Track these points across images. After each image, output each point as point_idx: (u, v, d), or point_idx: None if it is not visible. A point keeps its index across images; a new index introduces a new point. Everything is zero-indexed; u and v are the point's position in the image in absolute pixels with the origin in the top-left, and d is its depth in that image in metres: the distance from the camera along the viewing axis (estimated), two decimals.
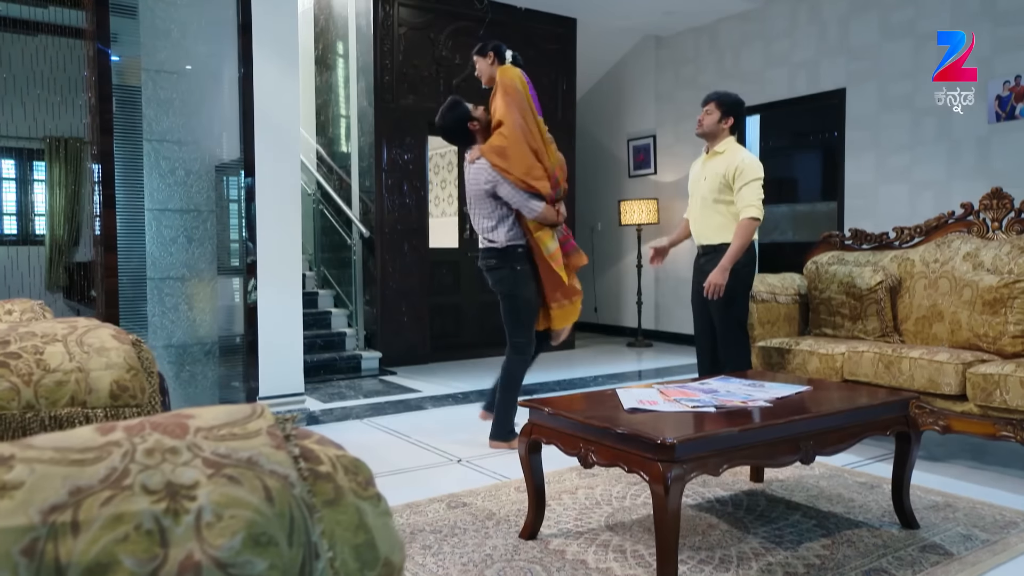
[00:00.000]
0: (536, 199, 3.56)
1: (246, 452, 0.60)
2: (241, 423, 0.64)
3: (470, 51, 6.66)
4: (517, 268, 3.64)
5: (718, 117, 3.68)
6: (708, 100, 3.74)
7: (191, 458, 0.58)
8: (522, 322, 3.68)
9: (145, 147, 4.17)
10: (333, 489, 0.63)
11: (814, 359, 3.72)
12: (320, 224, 6.92)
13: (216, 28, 4.41)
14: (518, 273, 3.64)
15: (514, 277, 3.64)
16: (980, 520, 2.64)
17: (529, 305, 3.68)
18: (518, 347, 3.70)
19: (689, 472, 2.02)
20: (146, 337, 4.19)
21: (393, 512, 2.67)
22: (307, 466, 0.63)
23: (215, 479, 0.57)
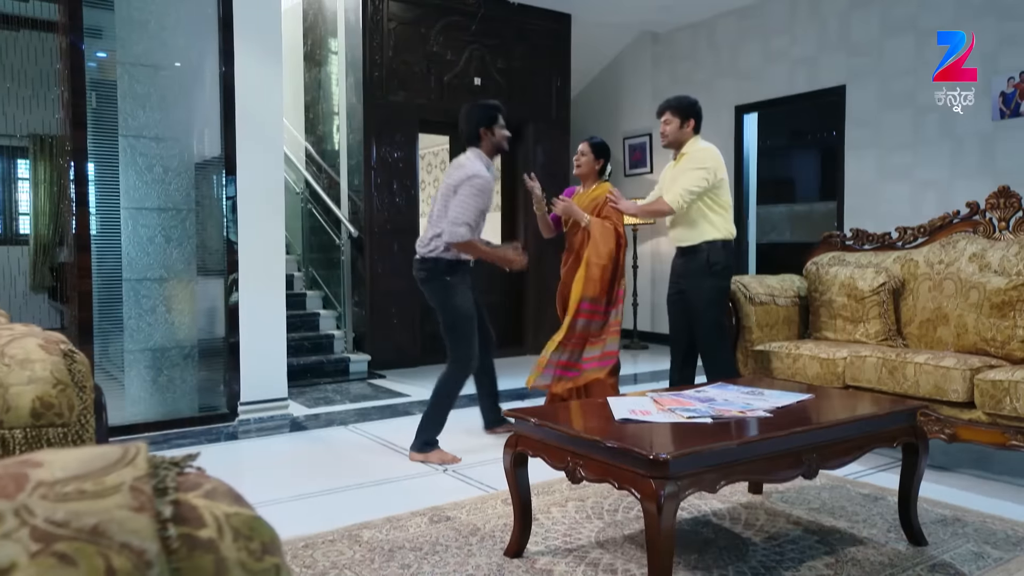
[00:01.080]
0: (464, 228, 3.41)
1: (93, 517, 0.45)
2: (98, 475, 0.49)
3: (461, 46, 6.60)
4: (446, 279, 3.51)
5: (678, 124, 3.68)
6: (663, 110, 3.74)
7: (16, 527, 0.44)
8: (460, 336, 3.54)
9: (121, 143, 4.01)
10: (214, 563, 0.48)
11: (815, 364, 3.58)
12: (309, 223, 6.77)
13: (196, 20, 4.25)
14: (447, 284, 3.52)
15: (445, 289, 3.52)
16: (991, 536, 2.50)
17: (466, 316, 3.53)
18: (457, 360, 3.56)
19: (684, 489, 1.88)
20: (122, 340, 4.04)
21: (373, 526, 2.53)
22: (181, 532, 0.48)
23: (39, 559, 0.42)
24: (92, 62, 4.09)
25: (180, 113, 4.23)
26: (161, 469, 0.52)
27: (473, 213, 3.44)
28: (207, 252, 4.31)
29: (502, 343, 6.96)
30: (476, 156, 3.56)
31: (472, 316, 3.56)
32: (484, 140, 3.57)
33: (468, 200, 3.43)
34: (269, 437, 4.04)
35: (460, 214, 3.42)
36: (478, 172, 3.46)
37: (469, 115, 3.60)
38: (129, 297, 4.06)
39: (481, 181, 3.46)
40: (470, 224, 3.44)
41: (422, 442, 3.53)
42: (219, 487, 0.54)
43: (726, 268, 3.66)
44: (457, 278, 3.54)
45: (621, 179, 7.79)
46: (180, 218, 4.21)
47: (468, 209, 3.43)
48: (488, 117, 3.58)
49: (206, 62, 4.31)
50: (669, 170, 3.81)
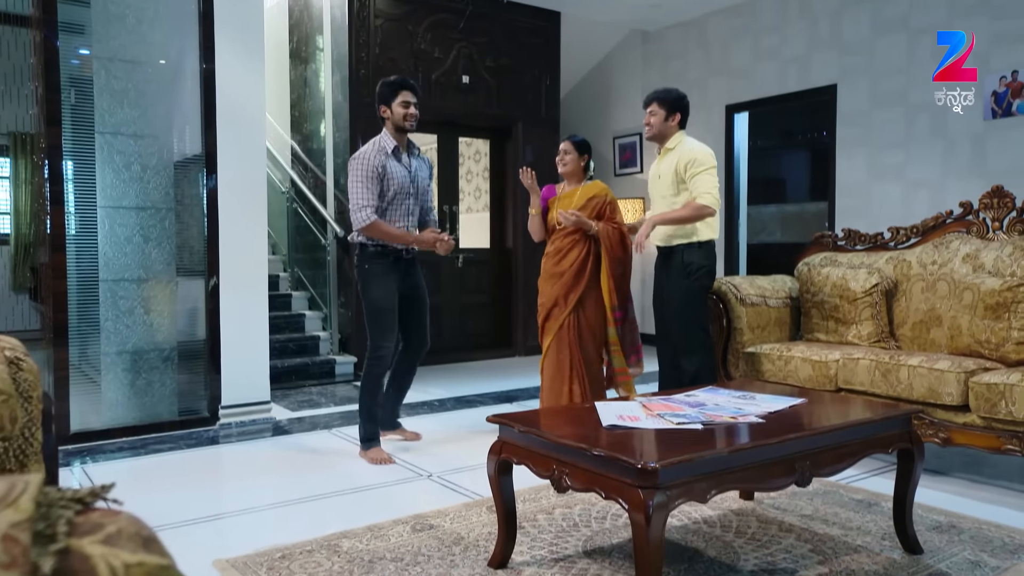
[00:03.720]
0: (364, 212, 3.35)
1: None
2: None
3: (449, 44, 6.51)
4: (365, 267, 3.47)
5: (664, 116, 3.61)
6: (649, 101, 3.66)
7: None
8: (373, 327, 3.47)
9: (97, 140, 3.90)
10: None
11: (807, 366, 3.51)
12: (294, 223, 6.67)
13: (175, 15, 4.15)
14: (366, 272, 3.46)
15: (364, 278, 3.48)
16: (988, 544, 2.44)
17: (378, 307, 3.46)
18: (372, 350, 3.49)
19: (674, 499, 1.81)
20: (99, 343, 3.93)
21: (353, 535, 2.45)
22: None
23: None
24: (75, 60, 3.98)
25: (159, 110, 4.13)
26: (54, 509, 0.44)
27: (366, 194, 3.36)
28: (187, 252, 4.21)
29: (490, 344, 6.91)
30: (376, 138, 3.49)
31: (389, 309, 3.48)
32: (386, 118, 3.50)
33: (354, 184, 3.38)
34: (250, 442, 3.95)
35: (354, 199, 3.38)
36: (357, 154, 3.42)
37: (376, 96, 3.54)
38: (106, 298, 3.96)
39: (357, 162, 3.39)
40: (370, 206, 3.35)
41: (360, 439, 3.56)
42: (126, 528, 0.46)
43: (701, 268, 3.58)
44: (378, 268, 3.46)
45: (611, 178, 7.73)
46: (159, 217, 4.10)
47: (357, 191, 3.36)
48: (387, 93, 3.48)
49: (186, 58, 4.21)
50: (655, 166, 3.74)
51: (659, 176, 3.63)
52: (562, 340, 3.73)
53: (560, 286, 3.71)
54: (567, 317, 3.70)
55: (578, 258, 3.71)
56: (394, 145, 3.48)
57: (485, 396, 5.05)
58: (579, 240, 3.72)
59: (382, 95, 3.50)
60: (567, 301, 3.69)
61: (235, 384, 4.23)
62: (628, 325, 3.80)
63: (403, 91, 3.48)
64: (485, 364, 6.49)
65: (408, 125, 3.50)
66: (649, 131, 3.66)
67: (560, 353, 3.72)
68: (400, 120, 3.47)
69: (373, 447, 3.51)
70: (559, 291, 3.71)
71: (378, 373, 3.52)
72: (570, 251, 3.72)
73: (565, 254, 3.73)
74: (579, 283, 3.70)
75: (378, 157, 3.41)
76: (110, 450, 3.74)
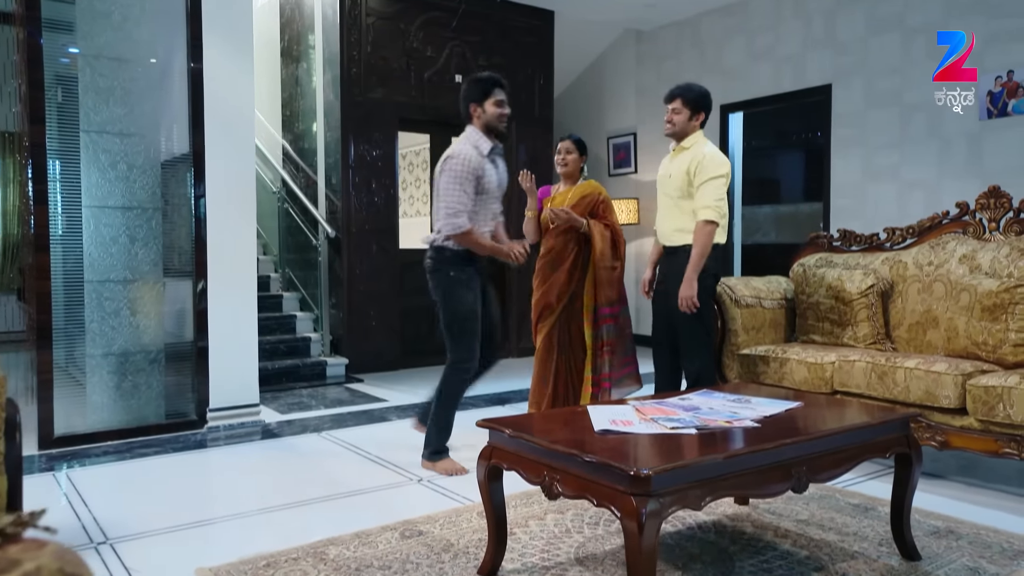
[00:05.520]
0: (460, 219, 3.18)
1: None
2: None
3: (442, 43, 6.45)
4: (450, 274, 3.28)
5: (688, 115, 3.45)
6: (673, 96, 3.49)
7: None
8: (458, 335, 3.30)
9: (82, 139, 3.83)
10: None
11: (802, 368, 3.47)
12: (286, 223, 6.60)
13: (162, 12, 4.09)
14: (450, 279, 3.28)
15: (447, 283, 3.29)
16: (987, 550, 2.40)
17: (465, 315, 3.28)
18: (454, 362, 3.32)
19: (667, 507, 1.76)
20: (84, 344, 3.86)
21: (340, 542, 2.38)
22: None
23: None
24: (65, 58, 3.92)
25: (146, 108, 4.06)
26: None
27: (463, 198, 3.18)
28: (175, 253, 4.14)
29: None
30: (466, 137, 3.30)
31: (474, 315, 3.30)
32: (475, 118, 3.32)
33: (449, 186, 3.19)
34: (239, 445, 3.88)
35: (448, 203, 3.19)
36: (454, 153, 3.23)
37: (462, 92, 3.36)
38: (91, 299, 3.89)
39: (455, 162, 3.20)
40: (466, 211, 3.18)
41: (431, 451, 3.36)
42: (47, 566, 0.41)
43: (707, 271, 3.51)
44: (463, 273, 3.27)
45: (605, 179, 7.69)
46: (146, 217, 4.04)
47: (453, 195, 3.18)
48: (478, 92, 3.30)
49: (174, 56, 4.15)
50: (666, 163, 3.61)
51: (669, 176, 3.52)
52: (551, 342, 3.69)
53: (552, 286, 3.67)
54: (557, 319, 3.66)
55: (570, 258, 3.66)
56: (490, 146, 3.31)
57: (477, 398, 4.99)
58: (572, 240, 3.67)
59: (472, 93, 3.31)
60: (558, 301, 3.66)
61: (223, 386, 4.17)
62: (620, 325, 3.74)
63: (496, 89, 3.31)
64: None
65: (503, 126, 3.35)
66: (670, 129, 3.49)
67: (547, 355, 3.68)
68: (494, 120, 3.31)
69: (444, 459, 3.34)
70: (551, 291, 3.66)
71: (462, 385, 3.35)
72: (563, 251, 3.68)
73: (558, 254, 3.69)
74: (571, 284, 3.66)
75: (478, 159, 3.23)
76: (95, 454, 3.68)
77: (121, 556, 2.43)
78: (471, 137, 3.30)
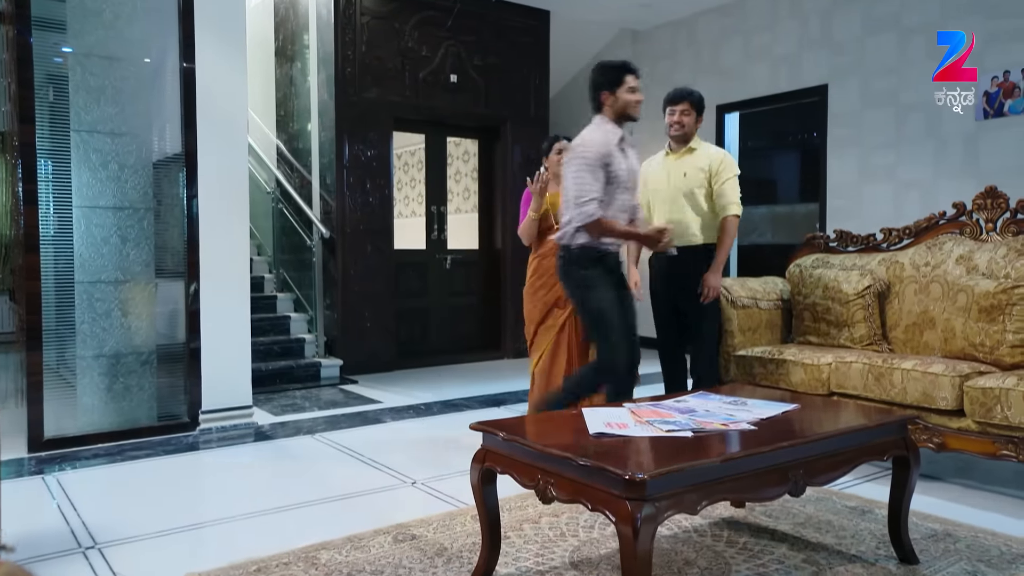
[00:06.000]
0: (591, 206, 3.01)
1: None
2: None
3: (437, 42, 6.43)
4: (582, 272, 3.10)
5: (695, 117, 3.58)
6: (681, 99, 3.56)
7: None
8: (602, 337, 3.09)
9: (73, 138, 3.79)
10: None
11: (799, 370, 3.45)
12: (280, 224, 6.56)
13: (154, 10, 4.05)
14: (583, 277, 3.11)
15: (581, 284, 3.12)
16: (985, 553, 2.38)
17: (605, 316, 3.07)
18: (600, 364, 3.12)
19: (663, 512, 1.73)
20: (74, 346, 3.83)
21: (332, 547, 2.35)
22: None
23: None
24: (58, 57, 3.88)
25: (137, 107, 4.02)
26: None
27: (594, 183, 2.99)
28: (167, 253, 4.11)
29: (478, 346, 6.83)
30: (595, 126, 3.12)
31: (615, 311, 3.09)
32: (606, 106, 3.12)
33: (578, 173, 3.01)
34: (231, 447, 3.85)
35: (577, 190, 3.01)
36: (582, 140, 3.07)
37: (590, 79, 3.17)
38: (82, 300, 3.85)
39: (583, 148, 3.02)
40: (597, 198, 2.99)
41: None
42: None
43: None
44: (596, 272, 3.10)
45: None
46: (137, 217, 4.00)
47: (583, 181, 2.99)
48: (609, 80, 3.11)
49: (166, 54, 4.11)
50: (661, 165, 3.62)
51: (684, 174, 3.51)
52: (562, 342, 3.64)
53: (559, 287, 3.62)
54: (567, 318, 3.62)
55: None
56: (620, 135, 3.12)
57: (472, 400, 4.97)
58: None
59: (603, 80, 3.12)
60: (565, 301, 3.61)
61: (216, 388, 4.13)
62: None
63: (629, 75, 3.11)
64: (473, 367, 6.41)
65: (635, 114, 3.14)
66: (679, 130, 3.52)
67: (560, 355, 3.63)
68: (627, 108, 3.11)
69: None
70: (559, 291, 3.61)
71: (599, 382, 3.16)
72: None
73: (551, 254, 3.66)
74: None
75: (607, 145, 3.05)
76: (85, 457, 3.64)
77: (110, 561, 2.40)
78: (600, 125, 3.12)
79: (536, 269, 3.75)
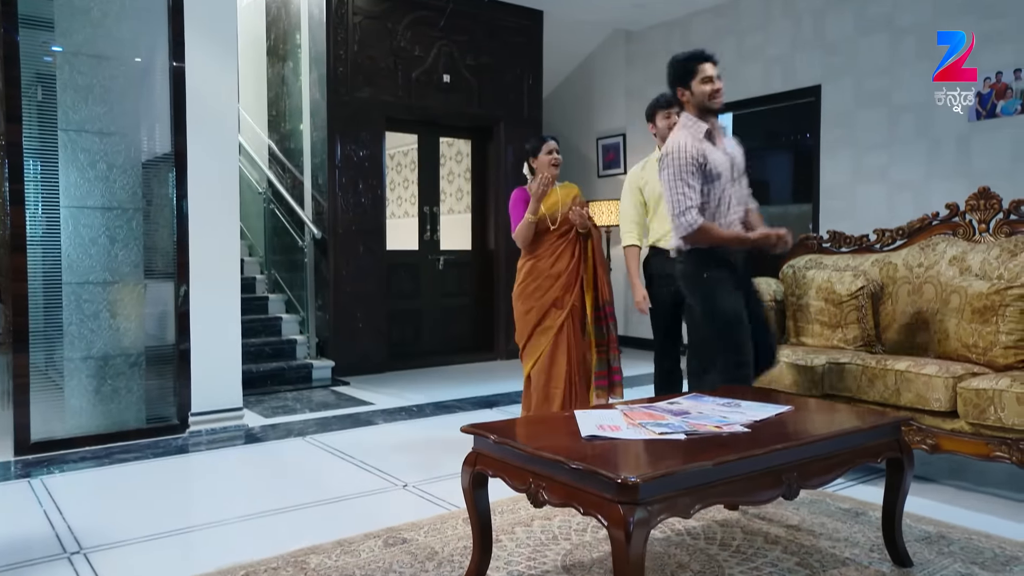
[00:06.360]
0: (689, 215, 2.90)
1: None
2: None
3: (430, 42, 6.40)
4: (703, 275, 2.96)
5: None
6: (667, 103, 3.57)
7: None
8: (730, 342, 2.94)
9: (61, 138, 3.75)
10: None
11: (792, 371, 3.44)
12: (272, 224, 6.52)
13: (143, 8, 4.01)
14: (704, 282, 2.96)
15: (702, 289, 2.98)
16: (979, 555, 2.37)
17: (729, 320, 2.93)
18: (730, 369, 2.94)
19: (655, 516, 1.71)
20: (62, 348, 3.79)
21: (322, 551, 2.32)
22: None
23: None
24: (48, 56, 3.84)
25: (126, 107, 3.99)
26: None
27: (689, 192, 2.86)
28: (156, 254, 4.07)
29: (471, 348, 6.80)
30: (680, 126, 3.02)
31: (741, 321, 2.93)
32: (685, 103, 3.02)
33: (672, 183, 2.90)
34: (221, 450, 3.81)
35: (674, 201, 2.90)
36: (669, 149, 2.94)
37: (668, 78, 3.04)
38: (70, 301, 3.81)
39: (670, 157, 2.91)
40: (694, 206, 2.87)
41: None
42: None
43: None
44: (720, 274, 2.95)
45: (594, 180, 7.66)
46: (126, 218, 3.96)
47: (677, 193, 2.88)
48: (680, 75, 2.99)
49: (155, 53, 4.07)
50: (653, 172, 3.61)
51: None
52: (561, 343, 3.61)
53: (558, 287, 3.60)
54: (566, 318, 3.60)
55: (573, 257, 3.63)
56: (705, 128, 2.98)
57: (465, 401, 4.94)
58: (571, 240, 3.64)
59: (674, 75, 3.01)
60: (564, 302, 3.59)
61: (206, 390, 4.10)
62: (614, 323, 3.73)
63: (702, 64, 2.97)
64: (466, 368, 6.39)
65: (716, 104, 2.97)
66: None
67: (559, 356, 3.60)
68: (705, 99, 2.96)
69: None
70: (557, 292, 3.59)
71: None
72: (564, 251, 3.64)
73: (560, 255, 3.63)
74: (574, 282, 3.62)
75: (695, 145, 2.92)
76: (73, 460, 3.60)
77: (95, 566, 2.36)
78: (685, 124, 3.01)
79: (531, 271, 3.69)
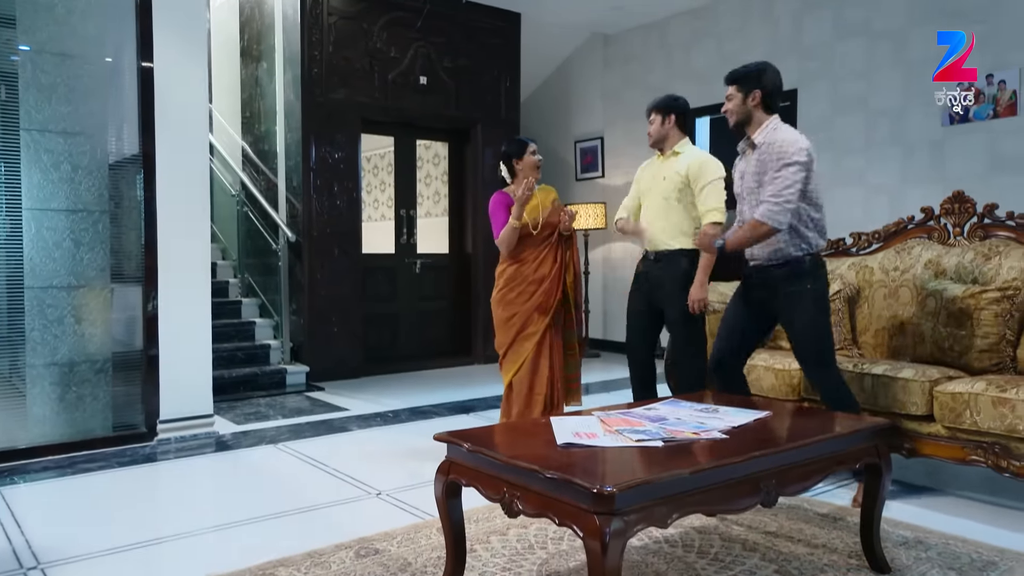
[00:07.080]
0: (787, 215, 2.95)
1: None
2: None
3: (406, 44, 6.34)
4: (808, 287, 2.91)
5: (660, 121, 3.45)
6: (648, 112, 3.52)
7: None
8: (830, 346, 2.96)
9: (23, 138, 3.65)
10: None
11: (769, 375, 3.42)
12: (245, 227, 6.42)
13: (110, 5, 3.92)
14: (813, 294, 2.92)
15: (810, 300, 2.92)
16: (956, 560, 2.35)
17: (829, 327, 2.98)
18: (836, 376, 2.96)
19: (632, 526, 1.67)
20: (24, 354, 3.67)
21: (291, 563, 2.25)
22: None
23: None
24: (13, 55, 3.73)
25: (92, 106, 3.89)
26: None
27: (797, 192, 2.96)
28: (123, 257, 3.97)
29: (448, 352, 6.73)
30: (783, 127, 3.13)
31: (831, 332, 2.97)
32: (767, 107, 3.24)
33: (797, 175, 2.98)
34: (190, 458, 3.72)
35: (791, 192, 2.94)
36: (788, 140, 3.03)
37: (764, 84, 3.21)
38: (32, 306, 3.70)
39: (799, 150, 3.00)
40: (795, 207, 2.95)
41: None
42: None
43: None
44: (822, 283, 2.94)
45: (572, 183, 7.64)
46: (92, 220, 3.86)
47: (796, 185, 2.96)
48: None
49: (123, 52, 3.98)
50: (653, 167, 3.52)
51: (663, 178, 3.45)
52: (543, 350, 3.55)
53: (542, 292, 3.54)
54: (548, 324, 3.55)
55: (556, 262, 3.58)
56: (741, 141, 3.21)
57: (441, 407, 4.88)
58: (552, 244, 3.59)
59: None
60: (547, 307, 3.54)
61: (175, 397, 4.00)
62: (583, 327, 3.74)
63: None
64: (443, 372, 6.32)
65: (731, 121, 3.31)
66: (650, 140, 3.50)
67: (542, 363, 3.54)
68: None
69: None
70: (540, 298, 3.53)
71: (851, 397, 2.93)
72: (547, 255, 3.58)
73: (543, 259, 3.57)
74: (557, 287, 3.56)
75: None
76: (35, 470, 3.48)
77: None
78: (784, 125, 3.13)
79: (513, 276, 3.61)
